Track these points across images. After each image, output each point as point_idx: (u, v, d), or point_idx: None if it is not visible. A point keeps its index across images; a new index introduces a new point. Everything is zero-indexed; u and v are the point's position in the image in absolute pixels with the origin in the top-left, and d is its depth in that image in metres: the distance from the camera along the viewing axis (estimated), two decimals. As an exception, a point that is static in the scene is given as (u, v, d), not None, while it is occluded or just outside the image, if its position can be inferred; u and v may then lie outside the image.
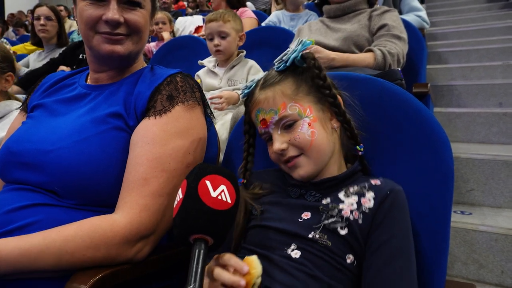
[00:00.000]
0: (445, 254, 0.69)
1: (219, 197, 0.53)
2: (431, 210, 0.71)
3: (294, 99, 0.73)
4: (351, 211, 0.67)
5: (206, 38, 1.75)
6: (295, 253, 0.66)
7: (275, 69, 0.77)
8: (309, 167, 0.72)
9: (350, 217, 0.66)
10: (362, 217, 0.66)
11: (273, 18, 2.73)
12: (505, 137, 1.92)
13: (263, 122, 0.74)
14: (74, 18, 0.91)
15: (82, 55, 2.57)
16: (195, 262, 0.50)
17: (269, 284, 0.62)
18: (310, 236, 0.66)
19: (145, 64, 0.97)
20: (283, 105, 0.72)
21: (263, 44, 2.13)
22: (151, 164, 0.76)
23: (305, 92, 0.74)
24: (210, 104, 1.27)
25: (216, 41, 1.68)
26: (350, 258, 0.65)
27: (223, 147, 1.06)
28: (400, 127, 0.78)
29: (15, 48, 3.67)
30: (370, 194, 0.68)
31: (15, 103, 1.61)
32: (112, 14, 0.81)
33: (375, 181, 0.70)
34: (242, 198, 0.74)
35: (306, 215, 0.70)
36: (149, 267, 0.76)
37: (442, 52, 2.90)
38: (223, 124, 1.46)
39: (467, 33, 3.26)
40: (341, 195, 0.70)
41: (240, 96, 0.83)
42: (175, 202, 0.56)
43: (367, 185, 0.70)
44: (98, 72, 0.91)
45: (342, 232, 0.66)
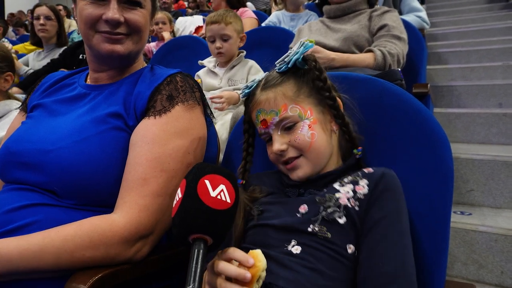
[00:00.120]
0: (445, 255, 0.69)
1: (219, 197, 0.53)
2: (431, 210, 0.71)
3: (295, 100, 0.73)
4: (348, 198, 0.67)
5: (207, 39, 1.74)
6: (295, 249, 0.66)
7: (277, 70, 0.78)
8: (307, 168, 0.73)
9: (348, 204, 0.67)
10: (358, 204, 0.67)
11: (273, 19, 2.73)
12: (505, 137, 1.92)
13: (263, 123, 0.75)
14: (74, 18, 0.91)
15: (82, 55, 2.57)
16: (194, 262, 0.50)
17: (272, 281, 0.62)
18: (309, 229, 0.66)
19: (145, 64, 0.97)
20: (284, 106, 0.73)
21: (263, 44, 2.13)
22: (150, 164, 0.76)
23: (306, 94, 0.74)
24: (210, 104, 1.27)
25: (218, 43, 1.68)
26: (351, 248, 0.65)
27: (223, 147, 1.06)
28: (400, 127, 0.78)
29: (15, 48, 3.66)
30: (363, 181, 0.69)
31: (14, 102, 1.61)
32: (112, 13, 0.81)
33: (368, 170, 0.71)
34: (240, 199, 0.74)
35: (303, 208, 0.70)
36: (149, 267, 0.76)
37: (442, 53, 2.91)
38: (223, 124, 1.46)
39: (467, 34, 3.26)
40: (337, 185, 0.70)
41: (240, 96, 0.83)
42: (174, 202, 0.55)
43: (360, 173, 0.71)
44: (98, 71, 0.91)
45: (341, 221, 0.66)
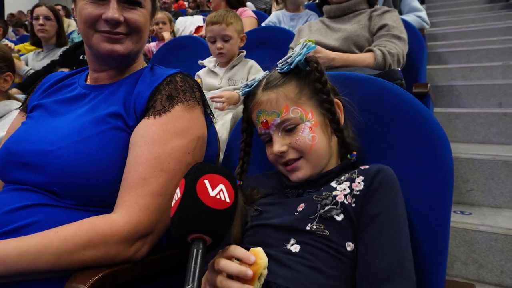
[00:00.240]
0: (445, 254, 0.69)
1: (218, 196, 0.53)
2: (431, 210, 0.71)
3: (297, 102, 0.73)
4: (345, 195, 0.68)
5: (207, 40, 1.74)
6: (295, 248, 0.66)
7: (278, 71, 0.77)
8: (307, 170, 0.73)
9: (345, 201, 0.67)
10: (354, 200, 0.67)
11: (273, 18, 2.73)
12: (505, 137, 1.92)
13: (264, 124, 0.75)
14: (74, 18, 0.91)
15: (82, 55, 2.56)
16: (193, 262, 0.50)
17: (271, 279, 0.62)
18: (307, 228, 0.67)
19: (145, 64, 0.97)
20: (286, 108, 0.73)
21: (263, 44, 2.13)
22: (150, 163, 0.76)
23: (307, 96, 0.75)
24: (211, 103, 1.27)
25: (219, 44, 1.68)
26: (350, 246, 0.65)
27: (223, 147, 1.06)
28: (400, 127, 0.78)
29: (16, 48, 3.65)
30: (359, 178, 0.69)
31: (14, 103, 1.61)
32: (112, 13, 0.81)
33: (364, 167, 0.72)
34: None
35: (301, 206, 0.70)
36: (149, 267, 0.76)
37: (442, 53, 2.91)
38: (223, 124, 1.46)
39: (467, 34, 3.26)
40: (333, 184, 0.71)
41: (240, 94, 0.83)
42: (173, 202, 0.55)
43: (356, 171, 0.71)
44: (98, 71, 0.91)
45: (339, 218, 0.66)
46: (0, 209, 0.73)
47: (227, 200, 0.54)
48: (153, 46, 3.12)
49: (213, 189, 0.53)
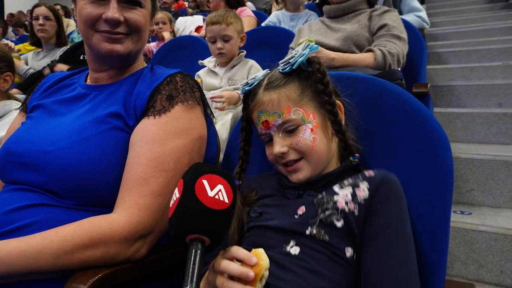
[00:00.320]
0: (445, 254, 0.69)
1: (217, 197, 0.53)
2: (431, 210, 0.71)
3: (299, 104, 0.73)
4: (346, 202, 0.67)
5: (207, 40, 1.74)
6: (294, 250, 0.66)
7: (280, 71, 0.77)
8: (308, 171, 0.73)
9: (346, 208, 0.66)
10: (357, 208, 0.66)
11: (273, 18, 2.73)
12: (505, 137, 1.92)
13: (265, 124, 0.74)
14: (74, 18, 0.91)
15: (83, 56, 2.56)
16: (191, 263, 0.50)
17: (270, 281, 0.62)
18: (307, 232, 0.66)
19: (145, 64, 0.97)
20: (288, 109, 0.72)
21: (263, 44, 2.13)
22: (150, 163, 0.76)
23: (309, 97, 0.74)
24: (211, 103, 1.27)
25: (219, 44, 1.68)
26: (349, 251, 0.65)
27: (223, 147, 1.06)
28: (400, 127, 0.78)
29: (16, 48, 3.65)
30: (364, 185, 0.68)
31: (14, 103, 1.61)
32: (112, 13, 0.81)
33: (368, 173, 0.70)
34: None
35: (301, 209, 0.69)
36: (148, 267, 0.76)
37: (442, 53, 2.91)
38: (223, 124, 1.46)
39: (467, 34, 3.26)
40: (336, 188, 0.70)
41: (240, 93, 0.83)
42: (171, 202, 0.55)
43: (361, 176, 0.70)
44: (98, 71, 0.91)
45: (339, 224, 0.66)
46: (0, 209, 0.73)
47: (226, 200, 0.54)
48: (153, 46, 3.12)
49: (211, 190, 0.53)
